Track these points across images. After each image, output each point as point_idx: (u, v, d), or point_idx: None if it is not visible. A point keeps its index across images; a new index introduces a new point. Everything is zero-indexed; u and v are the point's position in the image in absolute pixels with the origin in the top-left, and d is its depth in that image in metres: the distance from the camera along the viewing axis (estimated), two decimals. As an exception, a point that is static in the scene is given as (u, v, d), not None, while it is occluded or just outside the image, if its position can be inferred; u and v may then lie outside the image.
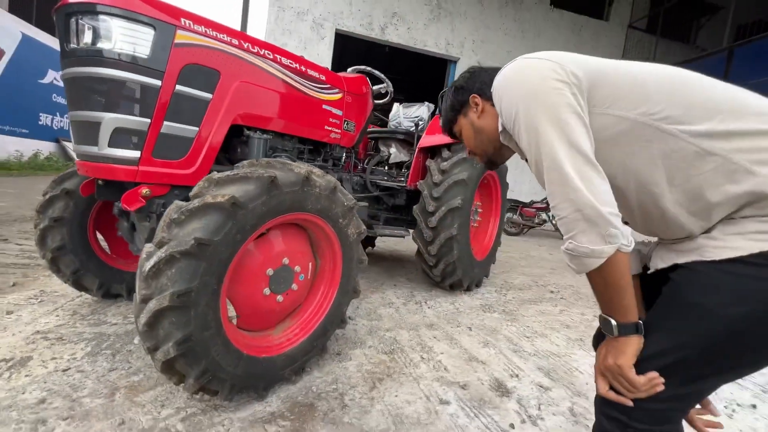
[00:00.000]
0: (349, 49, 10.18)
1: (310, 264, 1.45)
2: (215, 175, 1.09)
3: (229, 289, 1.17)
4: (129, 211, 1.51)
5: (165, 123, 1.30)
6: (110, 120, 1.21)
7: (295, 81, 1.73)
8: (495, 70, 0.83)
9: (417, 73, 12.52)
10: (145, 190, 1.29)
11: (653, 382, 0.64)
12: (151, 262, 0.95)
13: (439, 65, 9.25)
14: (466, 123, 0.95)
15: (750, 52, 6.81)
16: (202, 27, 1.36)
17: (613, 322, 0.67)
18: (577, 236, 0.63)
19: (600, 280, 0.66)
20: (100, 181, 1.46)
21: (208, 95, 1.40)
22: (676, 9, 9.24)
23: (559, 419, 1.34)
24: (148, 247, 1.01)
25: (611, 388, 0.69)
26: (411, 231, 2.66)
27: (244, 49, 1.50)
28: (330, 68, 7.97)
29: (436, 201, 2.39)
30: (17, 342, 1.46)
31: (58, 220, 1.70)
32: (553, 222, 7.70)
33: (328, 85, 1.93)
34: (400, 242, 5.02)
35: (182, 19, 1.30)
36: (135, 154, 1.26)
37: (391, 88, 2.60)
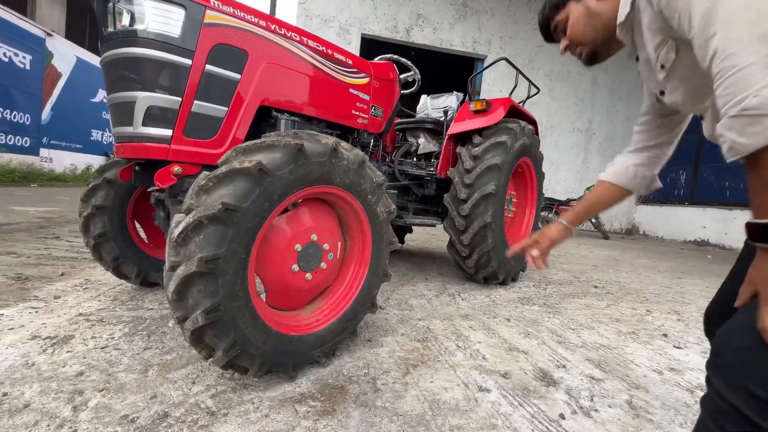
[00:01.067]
0: (376, 52, 10.26)
1: (339, 244, 1.41)
2: (243, 144, 1.07)
3: (258, 264, 1.15)
4: (164, 200, 1.55)
5: (195, 102, 1.31)
6: (144, 98, 1.24)
7: (322, 64, 1.72)
8: None
9: (443, 72, 12.42)
10: (176, 168, 1.30)
11: None
12: (180, 228, 0.93)
13: (466, 63, 9.11)
14: (578, 8, 0.88)
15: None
16: (230, 7, 1.37)
17: (755, 222, 0.55)
18: (751, 90, 0.50)
19: (757, 163, 0.53)
20: (137, 167, 1.50)
21: (237, 75, 1.40)
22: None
23: (617, 411, 1.20)
24: (178, 216, 1.00)
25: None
26: (442, 222, 2.57)
27: (271, 31, 1.50)
28: (356, 72, 8.10)
29: (468, 188, 2.30)
30: (61, 322, 1.51)
31: (100, 207, 1.77)
32: (592, 220, 7.29)
33: (355, 70, 1.91)
34: (431, 239, 4.91)
35: (212, 0, 1.31)
36: (167, 132, 1.28)
37: (418, 76, 2.54)
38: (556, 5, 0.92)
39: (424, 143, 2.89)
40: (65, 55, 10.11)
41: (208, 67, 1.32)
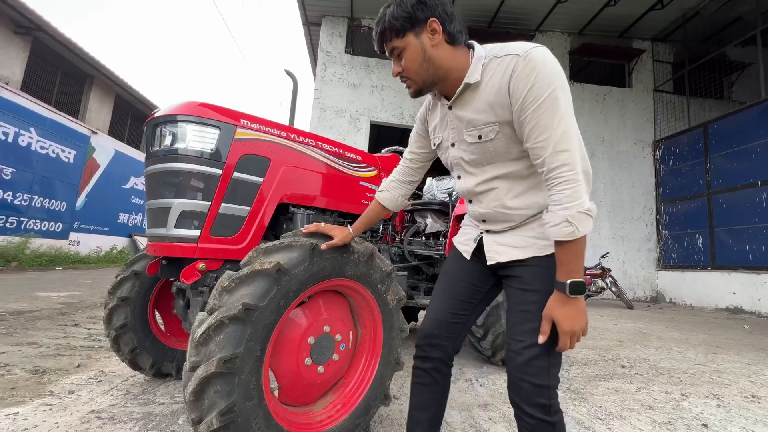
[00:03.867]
0: (383, 135, 11.14)
1: (351, 333, 1.43)
2: (263, 245, 1.19)
3: (271, 359, 1.18)
4: (185, 290, 1.65)
5: (222, 204, 1.47)
6: (178, 205, 1.40)
7: (335, 162, 1.92)
8: (451, 6, 0.93)
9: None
10: (201, 265, 1.42)
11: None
12: (202, 328, 1.00)
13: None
14: (416, 44, 0.90)
15: (795, 100, 6.56)
16: (257, 124, 1.61)
17: (576, 281, 0.81)
18: (585, 199, 0.79)
19: (582, 242, 0.81)
20: (164, 261, 1.62)
21: (260, 179, 1.59)
22: (701, 70, 9.38)
23: None
24: (201, 315, 1.07)
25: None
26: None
27: (290, 139, 1.73)
28: (367, 154, 8.73)
29: (476, 267, 2.34)
30: (74, 421, 1.50)
31: (125, 299, 1.86)
32: (613, 289, 7.04)
33: (365, 164, 2.12)
34: (445, 317, 4.77)
35: (241, 120, 1.56)
36: (196, 233, 1.41)
37: (422, 163, 2.77)
38: (397, 30, 0.90)
39: (432, 223, 3.01)
40: (105, 148, 11.26)
41: (236, 174, 1.51)
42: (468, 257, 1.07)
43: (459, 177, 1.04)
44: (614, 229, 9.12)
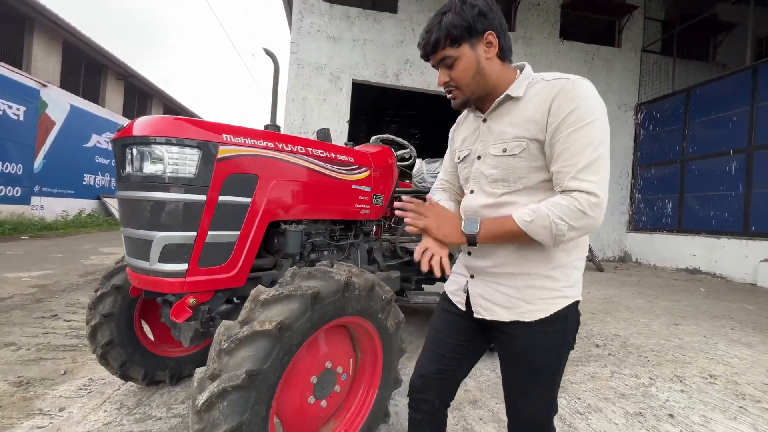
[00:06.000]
0: (366, 95, 10.61)
1: (351, 360, 1.43)
2: (261, 294, 1.12)
3: (277, 408, 1.17)
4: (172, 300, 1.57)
5: (209, 233, 1.36)
6: (160, 238, 1.28)
7: (327, 169, 1.80)
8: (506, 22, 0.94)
9: (433, 109, 12.82)
10: (192, 300, 1.34)
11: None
12: (204, 396, 0.96)
13: (454, 103, 9.43)
14: (471, 55, 0.89)
15: (777, 68, 6.60)
16: (242, 138, 1.45)
17: (472, 235, 0.87)
18: (574, 232, 0.79)
19: (521, 237, 0.84)
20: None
21: (248, 199, 1.47)
22: (690, 30, 9.19)
23: None
24: (200, 378, 1.02)
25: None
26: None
27: (278, 150, 1.58)
28: (348, 115, 8.34)
29: (468, 264, 2.36)
30: (70, 448, 1.49)
31: (108, 315, 1.77)
32: (592, 259, 7.40)
33: (356, 166, 2.00)
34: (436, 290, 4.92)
35: (224, 135, 1.39)
36: (182, 266, 1.32)
37: (414, 153, 2.66)
38: (453, 39, 0.88)
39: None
40: (59, 103, 10.25)
41: (222, 198, 1.38)
42: (463, 308, 1.03)
43: (472, 192, 1.00)
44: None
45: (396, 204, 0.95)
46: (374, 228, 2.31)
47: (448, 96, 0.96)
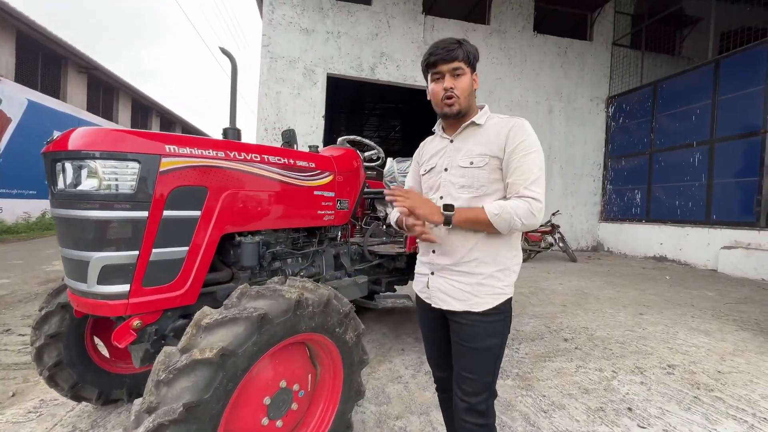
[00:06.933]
0: (342, 88, 10.44)
1: (309, 376, 1.40)
2: (204, 318, 1.06)
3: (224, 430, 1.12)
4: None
5: (153, 251, 1.29)
6: (98, 259, 1.21)
7: (285, 176, 1.74)
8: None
9: (410, 103, 12.77)
10: (136, 323, 1.27)
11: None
12: (140, 431, 0.91)
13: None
14: (470, 78, 1.14)
15: (737, 63, 6.87)
16: (187, 148, 1.37)
17: (449, 216, 1.07)
18: (523, 224, 1.04)
19: (486, 223, 1.06)
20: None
21: (197, 213, 1.40)
22: (658, 24, 9.43)
23: None
24: (137, 404, 0.97)
25: None
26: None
27: (230, 159, 1.51)
28: (324, 110, 8.19)
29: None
30: (12, 480, 1.41)
31: (55, 335, 1.67)
32: (560, 245, 7.59)
33: (318, 171, 1.94)
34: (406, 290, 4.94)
35: (167, 146, 1.31)
36: (124, 288, 1.24)
37: (382, 154, 2.62)
38: (469, 60, 1.12)
39: (393, 212, 2.94)
40: (14, 98, 9.64)
41: (166, 213, 1.31)
42: (432, 304, 1.21)
43: (441, 197, 1.19)
44: (566, 185, 9.60)
45: (386, 192, 1.13)
46: (340, 233, 2.26)
47: (447, 101, 1.13)
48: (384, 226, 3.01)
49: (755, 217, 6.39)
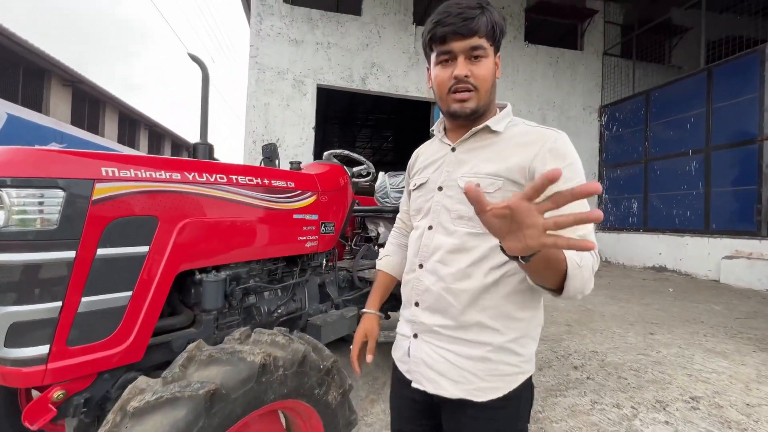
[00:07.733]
0: (333, 99, 10.30)
1: (283, 449, 1.13)
2: (131, 401, 0.80)
3: None
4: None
5: (83, 300, 1.03)
6: (5, 316, 0.94)
7: (258, 199, 1.49)
8: None
9: (402, 114, 12.67)
10: (57, 394, 1.00)
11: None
12: None
13: (423, 106, 9.30)
14: (493, 63, 0.79)
15: (729, 71, 6.84)
16: (131, 169, 1.12)
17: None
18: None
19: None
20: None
21: (144, 249, 1.14)
22: (647, 34, 9.48)
23: None
24: None
25: None
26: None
27: (189, 182, 1.26)
28: (314, 121, 7.99)
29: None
30: None
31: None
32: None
33: (299, 191, 1.70)
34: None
35: (103, 169, 1.06)
36: (42, 350, 0.97)
37: (372, 169, 2.39)
38: (492, 34, 0.77)
39: (384, 232, 2.70)
40: (-7, 113, 9.29)
41: (101, 251, 1.05)
42: (413, 382, 0.86)
43: (430, 228, 0.86)
44: (561, 195, 9.46)
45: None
46: (325, 260, 2.01)
47: (459, 96, 0.78)
48: (376, 247, 2.76)
49: (756, 226, 6.27)
